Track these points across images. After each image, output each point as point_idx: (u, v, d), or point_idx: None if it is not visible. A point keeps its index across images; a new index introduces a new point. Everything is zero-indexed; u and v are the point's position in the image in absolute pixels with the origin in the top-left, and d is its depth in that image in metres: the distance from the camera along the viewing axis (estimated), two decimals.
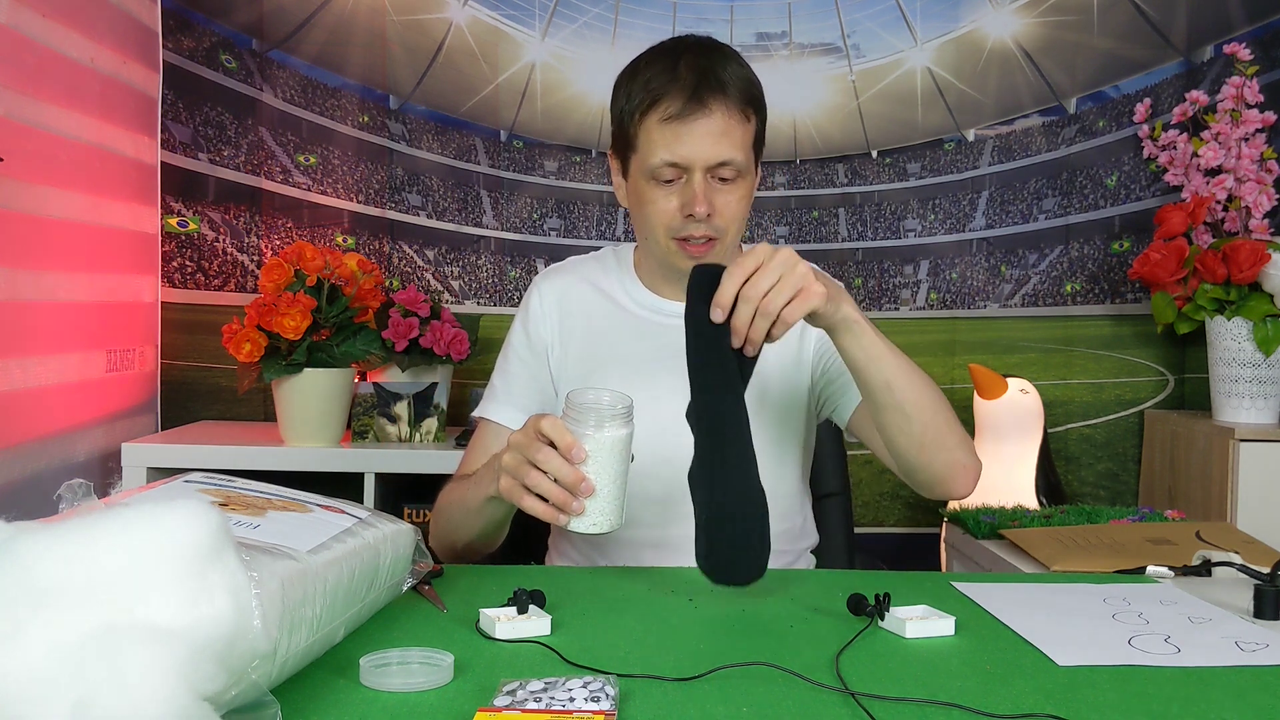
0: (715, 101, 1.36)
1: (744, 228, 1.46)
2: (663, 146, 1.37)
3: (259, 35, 2.64)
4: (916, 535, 2.69)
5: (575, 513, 1.14)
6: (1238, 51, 2.54)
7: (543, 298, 1.55)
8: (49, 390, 2.12)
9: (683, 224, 1.39)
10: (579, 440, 1.13)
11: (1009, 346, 2.74)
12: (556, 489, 1.14)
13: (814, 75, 2.70)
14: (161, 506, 0.73)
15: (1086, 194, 2.72)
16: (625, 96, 1.43)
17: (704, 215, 1.38)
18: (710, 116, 1.36)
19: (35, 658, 0.64)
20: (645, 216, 1.43)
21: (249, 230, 2.65)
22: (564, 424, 1.14)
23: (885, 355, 1.27)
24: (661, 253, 1.44)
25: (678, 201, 1.39)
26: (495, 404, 1.54)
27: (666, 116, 1.37)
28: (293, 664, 0.84)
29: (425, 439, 2.40)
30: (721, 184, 1.39)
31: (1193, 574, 1.35)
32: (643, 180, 1.41)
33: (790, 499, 1.53)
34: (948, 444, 1.34)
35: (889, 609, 1.05)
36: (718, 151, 1.37)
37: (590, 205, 2.73)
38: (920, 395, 1.30)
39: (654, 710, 0.82)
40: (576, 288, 1.55)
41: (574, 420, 1.14)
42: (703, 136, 1.36)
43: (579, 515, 1.14)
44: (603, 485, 1.14)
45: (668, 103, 1.36)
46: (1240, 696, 0.88)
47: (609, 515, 1.15)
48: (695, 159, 1.37)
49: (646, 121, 1.39)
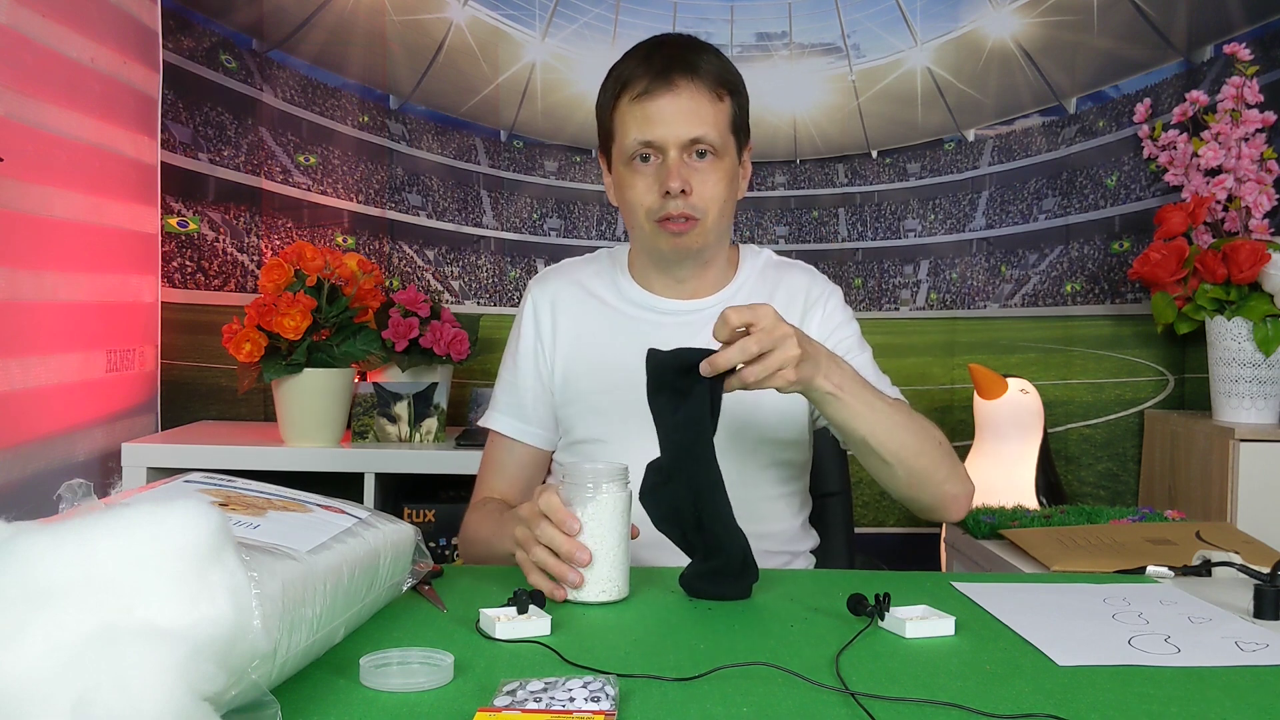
0: (683, 80, 1.40)
1: (728, 210, 1.47)
2: (635, 126, 1.41)
3: (259, 35, 2.64)
4: (916, 535, 2.69)
5: (573, 583, 1.13)
6: (1238, 51, 2.54)
7: (535, 304, 1.57)
8: (49, 390, 2.12)
9: (661, 203, 1.42)
10: (577, 508, 1.14)
11: (1009, 346, 2.74)
12: (556, 562, 1.14)
13: (814, 75, 2.70)
14: (162, 506, 0.73)
15: (1086, 194, 2.72)
16: (602, 91, 1.48)
17: (678, 191, 1.40)
18: (678, 95, 1.40)
19: (35, 658, 0.64)
20: (628, 202, 1.46)
21: (249, 230, 2.65)
22: (561, 493, 1.16)
23: (862, 414, 1.28)
24: (646, 237, 1.47)
25: (655, 181, 1.42)
26: (497, 414, 1.58)
27: (635, 95, 1.41)
28: (293, 664, 0.84)
29: (425, 439, 2.40)
30: (698, 161, 1.42)
31: (1193, 574, 1.35)
32: (622, 166, 1.45)
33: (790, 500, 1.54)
34: (935, 479, 1.36)
35: (889, 609, 1.05)
36: (689, 127, 1.40)
37: (590, 205, 2.73)
38: (901, 445, 1.32)
39: (654, 710, 0.82)
40: (567, 290, 1.57)
41: (570, 489, 1.16)
42: (673, 114, 1.40)
43: (578, 587, 1.14)
44: (603, 552, 1.14)
45: (636, 83, 1.41)
46: (1240, 696, 0.88)
47: (614, 582, 1.15)
48: (667, 136, 1.40)
49: (619, 105, 1.43)
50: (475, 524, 1.48)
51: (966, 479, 1.41)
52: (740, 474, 1.47)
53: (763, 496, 1.50)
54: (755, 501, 1.48)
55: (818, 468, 1.64)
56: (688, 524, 1.17)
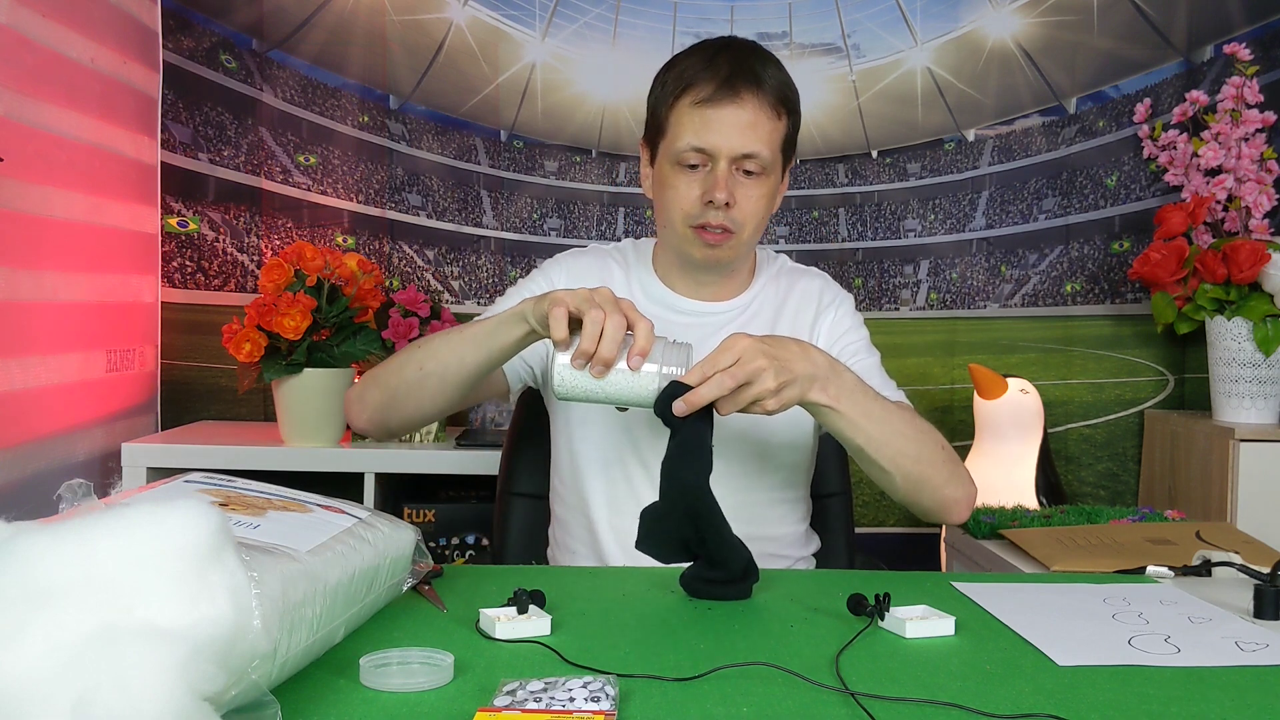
0: (748, 92, 1.38)
1: (762, 229, 1.47)
2: (690, 131, 1.39)
3: (259, 35, 2.64)
4: (916, 535, 2.69)
5: (606, 359, 1.14)
6: (1238, 51, 2.54)
7: (570, 270, 1.56)
8: (49, 390, 2.12)
9: (702, 211, 1.40)
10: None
11: (1009, 346, 2.74)
12: (603, 342, 1.14)
13: (814, 75, 2.70)
14: (161, 506, 0.73)
15: (1086, 194, 2.72)
16: (660, 84, 1.45)
17: (723, 203, 1.38)
18: (741, 106, 1.38)
19: (35, 658, 0.64)
20: (666, 201, 1.44)
21: (249, 230, 2.65)
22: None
23: (858, 424, 1.28)
24: (678, 240, 1.45)
25: (700, 189, 1.40)
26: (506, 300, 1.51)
27: (698, 100, 1.38)
28: (293, 664, 0.84)
29: (425, 439, 2.40)
30: (745, 177, 1.40)
31: (1193, 574, 1.35)
32: (668, 165, 1.42)
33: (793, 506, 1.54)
34: (934, 484, 1.36)
35: (889, 609, 1.05)
36: (744, 142, 1.38)
37: (590, 205, 2.73)
38: (898, 452, 1.32)
39: (654, 710, 0.82)
40: (596, 271, 1.56)
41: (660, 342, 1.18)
42: (731, 125, 1.38)
43: (601, 374, 1.15)
44: (617, 389, 1.16)
45: (700, 87, 1.38)
46: (1240, 696, 0.88)
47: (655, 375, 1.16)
48: (721, 146, 1.38)
49: (678, 105, 1.40)
50: (408, 348, 1.40)
51: (968, 482, 1.41)
52: (744, 478, 1.47)
53: (766, 501, 1.50)
54: (758, 506, 1.48)
55: (818, 468, 1.64)
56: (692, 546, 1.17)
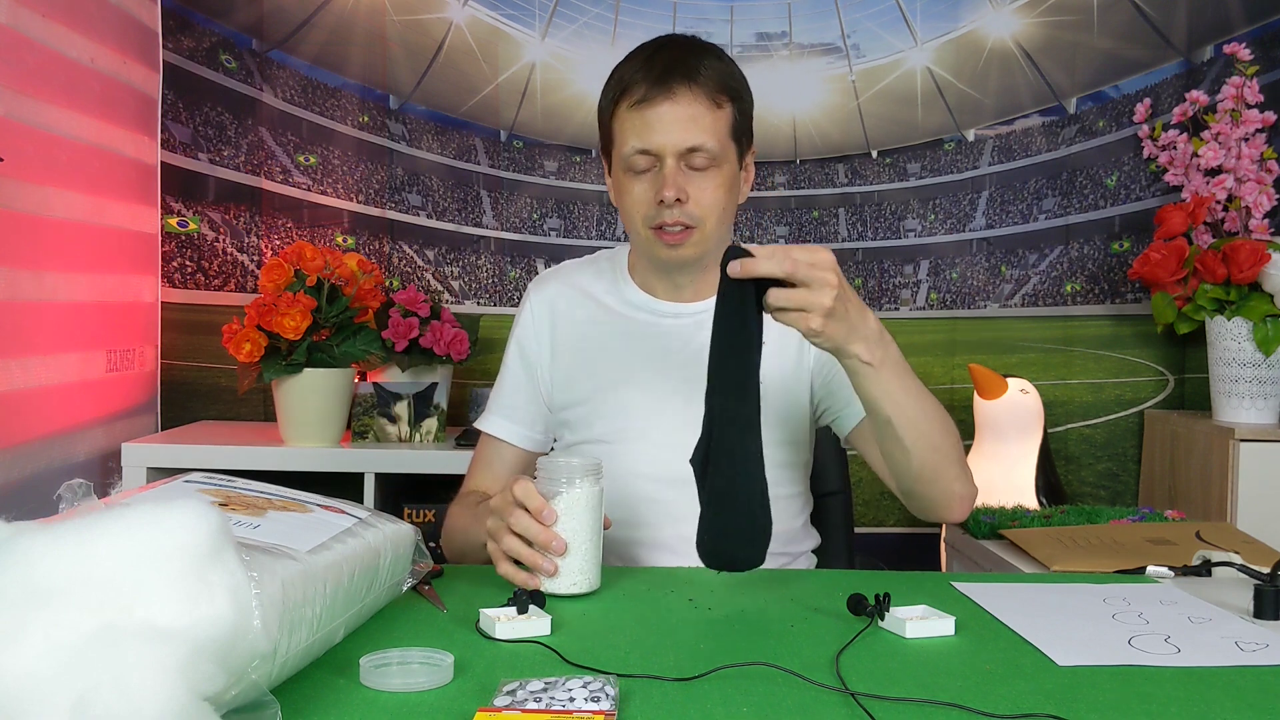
0: (681, 88, 1.38)
1: (727, 218, 1.45)
2: (633, 134, 1.40)
3: (259, 35, 2.64)
4: (916, 535, 2.69)
5: (547, 572, 1.15)
6: (1238, 51, 2.54)
7: (534, 309, 1.57)
8: (49, 390, 2.12)
9: (657, 211, 1.40)
10: (550, 501, 1.16)
11: (1009, 346, 2.74)
12: (529, 551, 1.16)
13: (814, 75, 2.70)
14: (161, 506, 0.73)
15: (1086, 194, 2.72)
16: (604, 93, 1.46)
17: (673, 200, 1.38)
18: (676, 102, 1.38)
19: (35, 658, 0.64)
20: (625, 207, 1.45)
21: (249, 230, 2.65)
22: (535, 486, 1.17)
23: (893, 394, 1.24)
24: (643, 244, 1.46)
25: (652, 190, 1.40)
26: (490, 417, 1.58)
27: (634, 103, 1.39)
28: (293, 664, 0.84)
29: (425, 439, 2.40)
30: (695, 171, 1.40)
31: (1193, 574, 1.35)
32: (621, 172, 1.43)
33: (791, 501, 1.53)
34: (945, 476, 1.34)
35: (889, 609, 1.05)
36: (685, 136, 1.38)
37: (590, 205, 2.73)
38: (922, 435, 1.29)
39: (654, 710, 0.82)
40: (566, 294, 1.56)
41: (545, 482, 1.17)
42: (670, 122, 1.38)
43: (553, 576, 1.15)
44: (577, 544, 1.16)
45: (635, 89, 1.39)
46: (1240, 696, 0.88)
47: (586, 575, 1.17)
48: (665, 144, 1.38)
49: (618, 111, 1.42)
50: (455, 515, 1.48)
51: (971, 481, 1.40)
52: None
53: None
54: None
55: (818, 467, 1.64)
56: (722, 464, 1.11)
